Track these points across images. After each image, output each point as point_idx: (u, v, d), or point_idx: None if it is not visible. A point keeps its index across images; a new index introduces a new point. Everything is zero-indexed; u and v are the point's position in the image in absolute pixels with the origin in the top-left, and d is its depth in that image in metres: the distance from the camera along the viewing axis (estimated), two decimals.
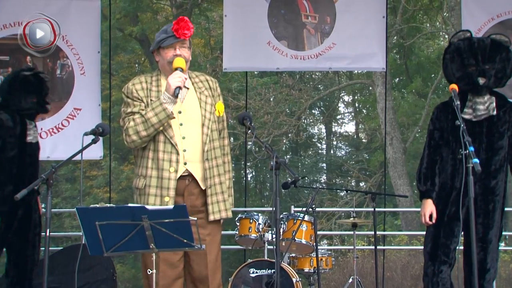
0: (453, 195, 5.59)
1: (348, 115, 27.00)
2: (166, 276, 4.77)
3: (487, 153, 5.59)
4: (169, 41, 4.87)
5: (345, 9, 8.95)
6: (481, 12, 9.02)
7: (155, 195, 4.80)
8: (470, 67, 5.58)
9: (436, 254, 5.64)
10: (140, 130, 4.73)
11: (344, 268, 11.98)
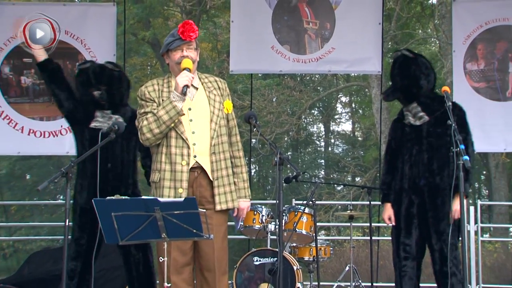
0: (403, 196, 5.83)
1: (345, 115, 27.01)
2: (177, 262, 4.80)
3: (428, 153, 5.76)
4: (176, 43, 4.89)
5: (344, 16, 8.95)
6: (471, 19, 9.02)
7: (169, 187, 4.83)
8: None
9: (398, 252, 5.91)
10: (153, 128, 4.76)
11: (341, 257, 11.99)
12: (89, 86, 6.26)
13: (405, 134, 5.88)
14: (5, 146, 9.13)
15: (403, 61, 5.93)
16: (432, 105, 5.84)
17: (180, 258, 4.82)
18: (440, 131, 5.71)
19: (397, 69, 5.94)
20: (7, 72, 8.97)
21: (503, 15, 8.97)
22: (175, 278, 4.76)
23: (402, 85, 5.89)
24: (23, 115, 8.96)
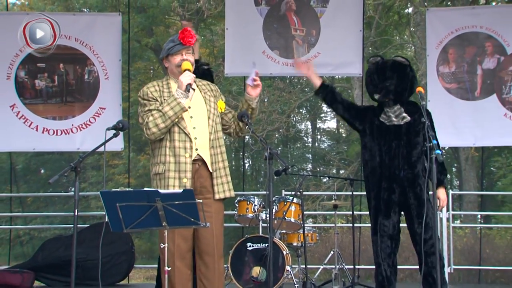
0: (383, 183, 5.85)
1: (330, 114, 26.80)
2: (180, 248, 4.82)
3: (407, 148, 5.81)
4: (176, 48, 4.94)
5: (328, 24, 8.94)
6: (442, 27, 9.03)
7: (174, 178, 4.83)
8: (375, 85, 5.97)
9: (377, 230, 5.91)
10: (159, 123, 4.78)
11: (326, 242, 11.97)
12: None
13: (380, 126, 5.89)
14: (22, 143, 9.13)
15: (398, 65, 5.94)
16: (411, 107, 5.93)
17: (183, 244, 4.84)
18: (418, 129, 5.79)
19: (391, 71, 5.89)
20: (22, 76, 8.96)
21: (472, 22, 8.99)
22: (179, 263, 4.79)
23: (398, 88, 5.88)
24: (38, 115, 8.96)
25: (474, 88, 8.95)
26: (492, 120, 8.86)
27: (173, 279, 4.78)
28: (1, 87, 8.94)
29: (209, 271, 4.93)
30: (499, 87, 8.95)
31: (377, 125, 5.92)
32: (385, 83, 5.87)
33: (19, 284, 8.40)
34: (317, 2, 9.02)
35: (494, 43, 8.93)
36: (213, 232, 4.87)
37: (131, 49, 16.70)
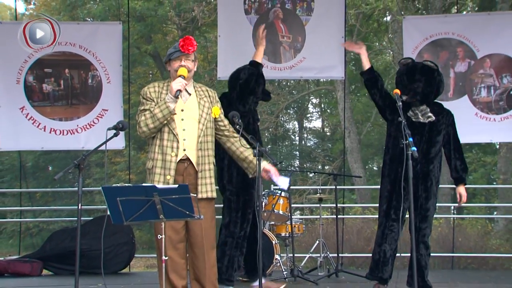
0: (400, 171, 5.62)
1: (316, 114, 27.00)
2: (171, 239, 4.81)
3: (427, 144, 5.86)
4: (176, 54, 4.94)
5: (313, 31, 8.93)
6: (418, 33, 9.05)
7: (159, 174, 4.84)
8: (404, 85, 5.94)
9: (389, 212, 5.87)
10: (149, 123, 4.80)
11: (312, 232, 11.97)
12: None
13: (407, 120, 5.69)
14: (31, 142, 9.11)
15: (428, 69, 5.94)
16: (436, 108, 6.00)
17: (174, 236, 4.84)
18: (440, 129, 5.89)
19: (420, 74, 5.91)
20: (31, 80, 8.93)
21: (444, 29, 9.01)
22: (171, 253, 4.79)
23: (425, 91, 5.92)
24: (45, 116, 8.93)
25: (447, 90, 8.93)
26: (464, 119, 8.83)
27: (167, 267, 4.79)
28: (11, 91, 8.92)
29: (199, 261, 4.95)
30: (470, 88, 8.97)
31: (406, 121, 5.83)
32: (413, 85, 5.89)
33: (29, 273, 8.40)
34: (302, 11, 9.01)
35: (465, 48, 8.96)
36: (201, 226, 4.86)
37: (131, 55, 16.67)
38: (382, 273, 5.90)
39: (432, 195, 5.88)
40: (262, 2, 8.99)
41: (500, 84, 8.93)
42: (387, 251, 5.89)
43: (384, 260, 5.90)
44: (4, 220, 17.64)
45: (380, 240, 5.94)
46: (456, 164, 5.99)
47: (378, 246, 5.94)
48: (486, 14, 12.10)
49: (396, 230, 5.85)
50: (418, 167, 5.74)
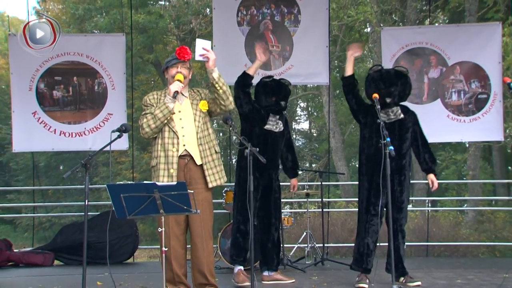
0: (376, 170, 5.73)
1: (304, 116, 27.02)
2: (174, 231, 4.89)
3: (399, 141, 5.87)
4: (173, 62, 5.06)
5: (300, 41, 8.93)
6: (395, 43, 9.07)
7: (163, 169, 4.92)
8: (382, 89, 5.88)
9: (369, 208, 5.88)
10: (151, 124, 4.90)
11: (300, 224, 11.95)
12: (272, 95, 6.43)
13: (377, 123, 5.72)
14: (43, 144, 9.11)
15: (402, 74, 6.00)
16: (403, 108, 6.05)
17: (177, 228, 4.89)
18: (408, 127, 5.95)
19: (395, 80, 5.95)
20: (42, 87, 8.93)
21: (419, 39, 9.04)
22: (173, 243, 4.84)
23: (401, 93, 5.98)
24: (55, 120, 8.94)
25: (422, 94, 9.00)
26: (437, 120, 8.91)
27: (169, 256, 4.84)
28: (24, 97, 8.92)
29: (198, 250, 4.97)
30: (442, 93, 9.00)
31: (376, 121, 5.79)
32: (391, 88, 5.91)
33: (41, 263, 8.38)
34: (290, 22, 9.01)
35: (438, 56, 8.99)
36: (201, 218, 4.89)
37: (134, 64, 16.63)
38: (366, 263, 5.91)
39: (406, 188, 5.92)
40: (253, 14, 8.99)
41: (469, 88, 8.97)
42: (370, 243, 5.91)
43: (368, 252, 5.92)
44: (19, 215, 17.61)
45: (363, 234, 5.95)
46: (425, 157, 6.05)
47: (362, 239, 5.95)
48: (455, 26, 12.22)
49: (376, 224, 5.86)
50: (393, 164, 5.71)
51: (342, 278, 6.45)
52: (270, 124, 6.35)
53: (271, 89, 6.46)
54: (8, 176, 23.25)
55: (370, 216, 5.89)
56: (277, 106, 6.41)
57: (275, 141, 6.38)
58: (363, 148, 6.07)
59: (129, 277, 6.74)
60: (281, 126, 6.46)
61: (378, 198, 5.80)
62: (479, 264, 8.06)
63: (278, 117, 6.43)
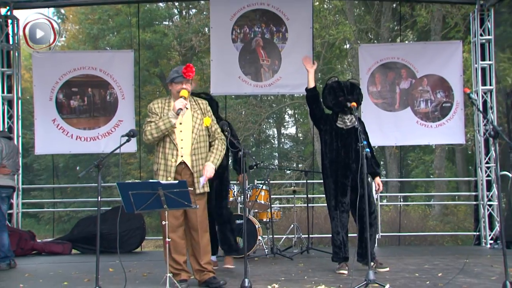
0: (339, 171, 5.82)
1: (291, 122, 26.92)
2: (172, 224, 4.86)
3: (356, 144, 5.71)
4: (179, 79, 4.99)
5: (287, 56, 8.94)
6: (370, 58, 9.11)
7: (162, 176, 4.90)
8: (340, 97, 5.86)
9: (337, 207, 5.86)
10: (153, 133, 4.88)
11: (288, 218, 11.94)
12: None
13: (336, 128, 5.86)
14: (61, 147, 9.13)
15: (357, 86, 5.99)
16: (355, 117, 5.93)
17: (174, 221, 4.87)
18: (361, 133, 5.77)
19: (356, 89, 5.94)
20: (61, 97, 8.94)
21: (391, 55, 9.10)
22: (172, 235, 4.81)
23: (359, 102, 5.97)
24: (72, 126, 8.97)
25: (394, 103, 9.02)
26: (407, 126, 8.95)
27: (171, 247, 4.83)
28: (45, 106, 8.95)
29: (195, 241, 4.96)
30: (412, 102, 9.02)
31: (335, 128, 5.91)
32: (349, 96, 5.88)
33: (61, 252, 8.37)
34: (278, 40, 9.01)
35: (408, 70, 9.03)
36: (196, 213, 4.88)
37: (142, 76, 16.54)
38: (344, 253, 5.89)
39: (369, 186, 5.81)
40: (246, 33, 8.98)
41: (435, 98, 9.00)
42: (343, 235, 5.90)
43: (343, 243, 5.90)
44: (41, 210, 17.56)
45: (336, 229, 5.90)
46: (372, 163, 5.94)
47: (337, 234, 5.90)
48: (423, 43, 12.27)
49: (345, 218, 5.87)
50: (354, 165, 5.73)
51: (325, 265, 6.44)
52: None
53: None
54: (32, 175, 23.10)
55: (340, 212, 5.88)
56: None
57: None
58: (326, 152, 6.00)
59: (137, 265, 6.71)
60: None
61: (344, 196, 5.81)
62: (444, 251, 8.08)
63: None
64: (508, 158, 6.94)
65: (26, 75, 17.25)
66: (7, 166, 6.70)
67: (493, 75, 8.98)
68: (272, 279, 5.24)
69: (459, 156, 18.35)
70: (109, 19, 22.11)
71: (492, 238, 8.61)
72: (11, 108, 8.95)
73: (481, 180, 8.86)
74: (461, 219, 15.64)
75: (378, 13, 18.33)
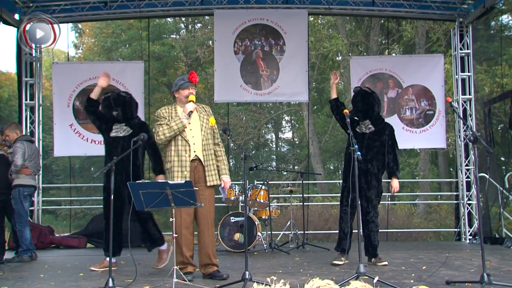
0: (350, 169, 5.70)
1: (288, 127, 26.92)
2: (185, 221, 4.85)
3: (365, 148, 5.84)
4: (186, 84, 5.03)
5: (285, 66, 8.97)
6: (361, 69, 9.12)
7: (177, 171, 4.86)
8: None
9: (342, 201, 5.92)
10: (166, 133, 4.88)
11: (285, 215, 11.94)
12: (110, 108, 5.77)
13: (355, 133, 5.86)
14: (78, 150, 9.13)
15: (364, 94, 5.95)
16: (378, 121, 5.97)
17: (187, 218, 4.87)
18: (376, 137, 5.85)
19: (360, 98, 5.93)
20: (77, 104, 8.94)
21: (380, 66, 9.12)
22: (184, 231, 4.84)
23: (363, 109, 5.91)
24: (88, 131, 8.96)
25: (382, 110, 9.02)
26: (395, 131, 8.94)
27: (180, 242, 4.81)
28: (63, 112, 8.96)
29: (204, 235, 4.96)
30: (398, 109, 9.04)
31: (353, 132, 5.85)
32: (355, 105, 5.95)
33: (77, 245, 8.36)
34: (277, 52, 9.03)
35: (395, 80, 9.04)
36: (207, 209, 4.87)
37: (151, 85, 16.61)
38: (343, 245, 5.90)
39: (372, 187, 5.83)
40: (247, 45, 9.00)
41: (419, 106, 9.01)
42: (345, 229, 5.90)
43: (343, 236, 5.92)
44: (59, 207, 17.53)
45: (340, 221, 5.97)
46: (389, 161, 5.94)
47: (339, 226, 5.99)
48: (408, 56, 12.31)
49: (347, 213, 5.82)
50: (360, 167, 5.68)
51: (319, 258, 6.43)
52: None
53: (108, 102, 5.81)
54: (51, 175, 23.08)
55: (344, 207, 5.89)
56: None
57: (124, 146, 5.67)
58: (346, 154, 6.05)
59: (147, 258, 6.70)
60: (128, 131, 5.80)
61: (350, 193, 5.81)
62: (428, 247, 8.07)
63: (124, 124, 5.79)
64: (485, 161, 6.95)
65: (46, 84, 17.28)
66: (29, 167, 6.71)
67: (472, 85, 9.01)
68: (270, 272, 5.23)
69: (441, 159, 18.37)
70: (122, 33, 22.16)
71: (471, 234, 8.63)
72: (33, 114, 8.99)
73: (461, 181, 8.88)
74: (443, 217, 15.63)
75: (367, 28, 18.38)
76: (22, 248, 6.68)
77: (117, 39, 22.15)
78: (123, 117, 5.78)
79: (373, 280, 4.11)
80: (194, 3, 8.95)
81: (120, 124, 5.79)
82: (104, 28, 22.58)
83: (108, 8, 8.90)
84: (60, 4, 8.73)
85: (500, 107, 11.69)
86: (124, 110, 5.78)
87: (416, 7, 8.97)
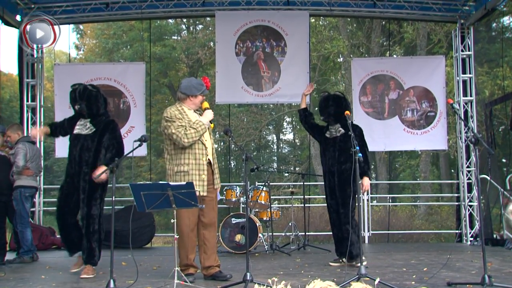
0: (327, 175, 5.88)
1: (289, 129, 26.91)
2: (191, 221, 4.85)
3: (338, 151, 5.83)
4: (204, 91, 5.09)
5: (286, 68, 8.97)
6: (362, 70, 9.12)
7: (195, 174, 4.84)
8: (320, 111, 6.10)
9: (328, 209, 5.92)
10: (193, 137, 4.84)
11: (286, 217, 11.95)
12: (74, 101, 5.45)
13: (326, 139, 5.95)
14: None
15: (336, 97, 5.95)
16: (346, 124, 5.80)
17: (193, 218, 4.88)
18: (347, 139, 5.69)
19: (332, 102, 5.91)
20: None
21: (381, 68, 9.11)
22: (191, 234, 4.87)
23: (336, 112, 5.89)
24: None
25: (383, 112, 9.03)
26: (395, 133, 8.96)
27: (187, 245, 4.83)
28: (65, 113, 8.65)
29: (210, 235, 5.00)
30: (400, 111, 9.03)
31: (324, 138, 5.99)
32: (327, 109, 5.91)
33: None
34: (278, 53, 9.03)
35: (396, 81, 9.03)
36: (213, 210, 4.96)
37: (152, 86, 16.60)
38: (338, 249, 5.92)
39: (347, 188, 5.66)
40: (248, 47, 9.01)
41: (420, 108, 9.01)
42: (334, 234, 5.95)
43: (336, 240, 5.92)
44: None
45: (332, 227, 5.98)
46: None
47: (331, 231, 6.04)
48: (409, 57, 12.33)
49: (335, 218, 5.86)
50: (334, 169, 5.77)
51: (320, 260, 6.43)
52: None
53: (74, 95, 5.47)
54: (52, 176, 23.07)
55: (329, 213, 5.97)
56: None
57: (84, 145, 5.42)
58: (322, 160, 6.08)
59: (148, 259, 6.70)
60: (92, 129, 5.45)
61: (332, 198, 5.85)
62: (429, 248, 8.06)
63: (88, 121, 5.45)
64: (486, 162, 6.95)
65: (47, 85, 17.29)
66: (30, 168, 6.72)
67: (473, 87, 9.01)
68: (271, 273, 5.23)
69: (443, 160, 18.35)
70: (123, 34, 22.16)
71: (472, 236, 8.62)
72: (34, 115, 8.99)
73: (463, 182, 8.87)
74: (444, 218, 15.63)
75: (369, 30, 18.38)
76: (23, 249, 6.69)
77: (118, 40, 22.16)
78: (88, 112, 5.40)
79: (374, 281, 4.11)
80: (195, 4, 8.96)
81: (85, 120, 5.44)
82: (105, 29, 22.60)
83: (109, 9, 8.91)
84: (62, 5, 8.76)
85: (501, 108, 11.69)
86: (90, 105, 5.38)
87: (418, 8, 8.98)
